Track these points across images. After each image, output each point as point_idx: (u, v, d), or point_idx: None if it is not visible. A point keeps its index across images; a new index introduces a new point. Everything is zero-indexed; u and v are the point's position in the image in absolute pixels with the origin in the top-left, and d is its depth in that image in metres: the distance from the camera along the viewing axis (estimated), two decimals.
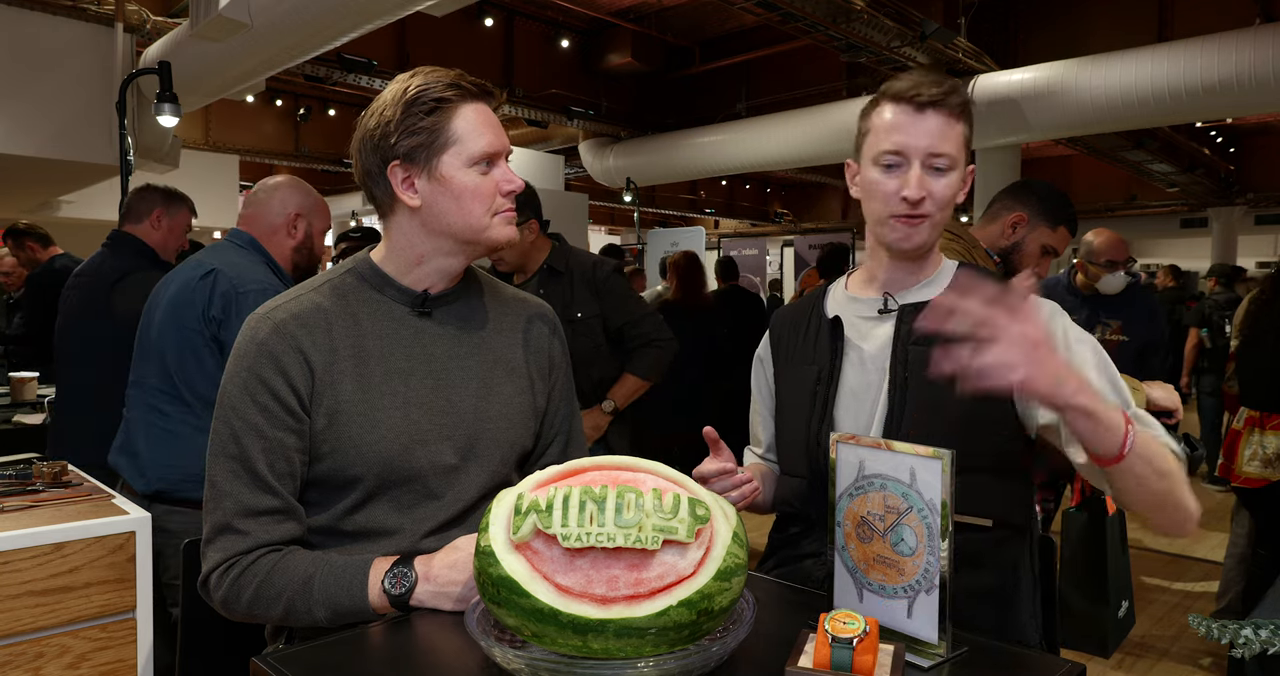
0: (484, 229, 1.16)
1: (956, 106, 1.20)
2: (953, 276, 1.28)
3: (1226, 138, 13.02)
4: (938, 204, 1.20)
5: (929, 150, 1.19)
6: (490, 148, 1.15)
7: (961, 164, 1.22)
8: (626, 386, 2.62)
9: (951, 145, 1.19)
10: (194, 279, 1.92)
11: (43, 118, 6.01)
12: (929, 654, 0.89)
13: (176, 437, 1.87)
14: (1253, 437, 2.73)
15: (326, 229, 2.16)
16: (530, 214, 2.54)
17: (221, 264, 1.93)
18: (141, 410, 1.94)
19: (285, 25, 5.03)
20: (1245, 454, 2.71)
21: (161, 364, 1.91)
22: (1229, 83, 6.25)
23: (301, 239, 2.09)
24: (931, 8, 7.16)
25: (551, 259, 2.61)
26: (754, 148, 9.29)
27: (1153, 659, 3.21)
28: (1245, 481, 2.74)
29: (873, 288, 1.30)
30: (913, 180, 1.19)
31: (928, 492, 0.89)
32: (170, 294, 1.95)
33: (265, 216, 2.06)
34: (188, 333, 1.89)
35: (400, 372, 1.16)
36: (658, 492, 0.85)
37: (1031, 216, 2.05)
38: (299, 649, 0.94)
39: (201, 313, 1.88)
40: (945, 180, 1.20)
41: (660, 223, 18.06)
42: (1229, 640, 1.17)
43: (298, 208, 2.08)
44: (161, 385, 1.91)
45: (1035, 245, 2.07)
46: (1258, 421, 2.76)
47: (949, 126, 1.19)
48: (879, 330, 1.26)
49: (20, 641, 1.36)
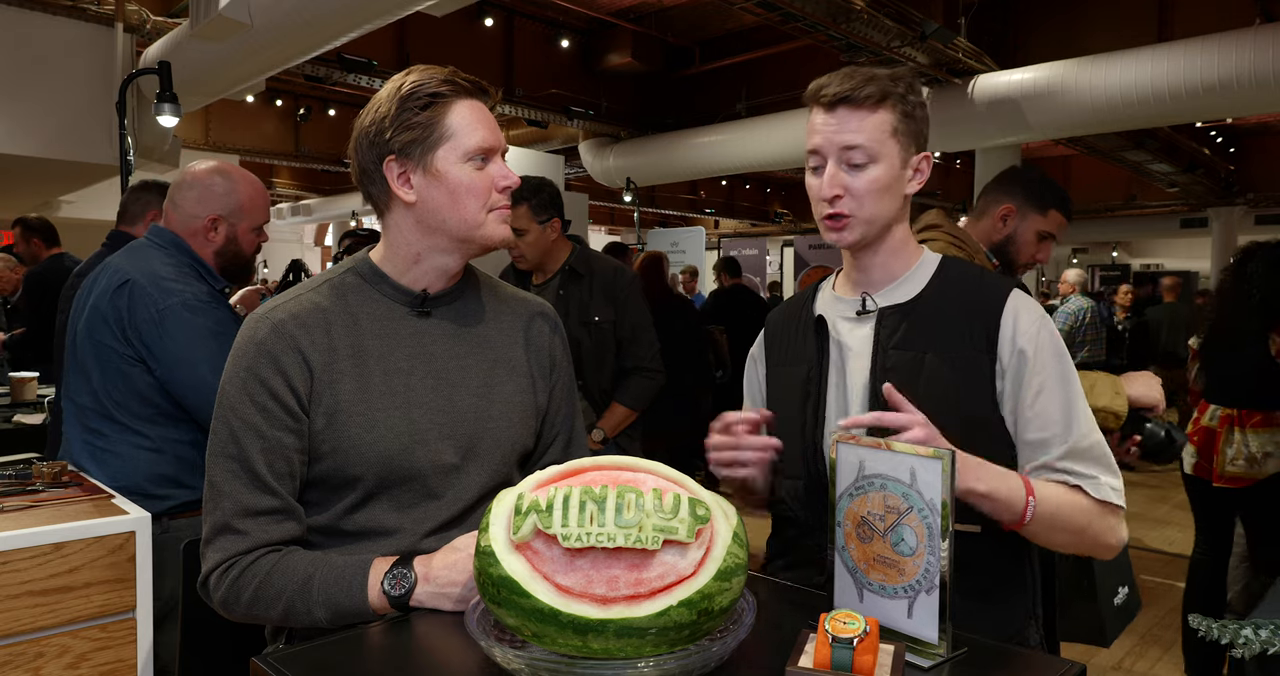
0: (478, 225, 1.16)
1: (869, 97, 1.17)
2: (935, 271, 1.26)
3: (1226, 138, 13.02)
4: (858, 200, 1.18)
5: (840, 145, 1.18)
6: (485, 143, 1.15)
7: (889, 155, 1.18)
8: (616, 416, 2.62)
9: (865, 136, 1.17)
10: (109, 291, 1.78)
11: (43, 118, 6.01)
12: (929, 654, 0.89)
13: (116, 456, 1.77)
14: (1233, 437, 2.68)
15: (258, 224, 1.97)
16: (554, 213, 2.54)
17: (139, 273, 1.78)
18: (77, 429, 1.82)
19: (285, 25, 5.04)
20: (1228, 453, 2.67)
21: (88, 381, 1.80)
22: (1229, 83, 6.24)
23: (222, 243, 1.91)
24: (931, 8, 7.15)
25: (573, 261, 2.61)
26: (754, 148, 9.29)
27: (1153, 658, 3.21)
28: (1230, 481, 2.71)
29: (853, 288, 1.29)
30: (825, 178, 1.19)
31: (928, 493, 0.89)
32: (89, 307, 1.83)
33: (180, 218, 1.89)
34: (106, 351, 1.77)
35: (400, 372, 1.16)
36: (658, 492, 0.85)
37: (1019, 206, 2.03)
38: (299, 649, 0.94)
39: (119, 332, 1.75)
40: (865, 174, 1.18)
41: (660, 222, 18.07)
42: (1229, 640, 1.17)
43: (214, 211, 1.88)
44: (91, 404, 1.80)
45: (1030, 233, 2.04)
46: (1235, 420, 2.72)
47: (861, 118, 1.17)
48: (860, 331, 1.25)
49: (20, 641, 1.35)
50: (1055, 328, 1.21)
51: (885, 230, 1.23)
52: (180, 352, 1.74)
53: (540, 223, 2.51)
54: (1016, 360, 1.16)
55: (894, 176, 1.19)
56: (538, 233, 2.52)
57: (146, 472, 1.76)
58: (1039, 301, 1.51)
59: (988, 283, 1.24)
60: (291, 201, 16.82)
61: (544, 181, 2.55)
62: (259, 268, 15.85)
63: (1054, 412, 1.15)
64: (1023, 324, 1.18)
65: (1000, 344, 1.17)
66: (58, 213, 9.16)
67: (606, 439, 2.60)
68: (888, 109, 1.18)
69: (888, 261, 1.26)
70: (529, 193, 2.47)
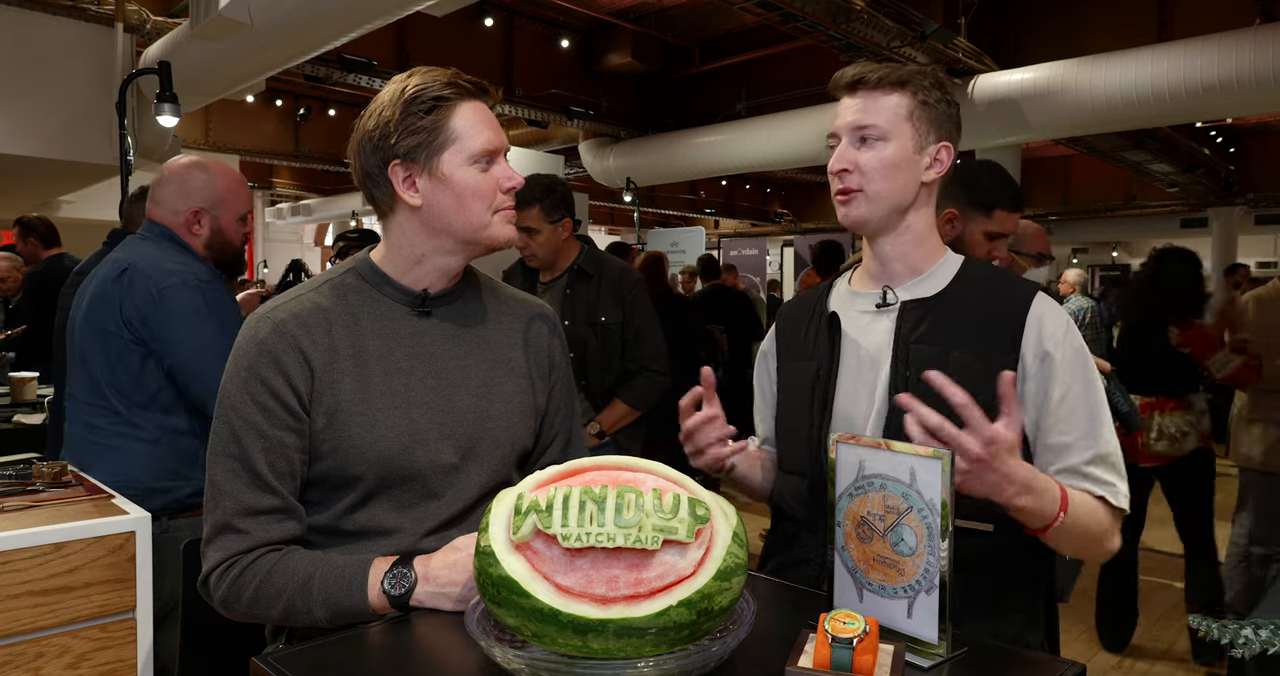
0: (484, 227, 1.17)
1: (885, 81, 1.20)
2: (958, 270, 1.26)
3: (1226, 138, 13.01)
4: (865, 175, 1.20)
5: (853, 124, 1.21)
6: (489, 144, 1.16)
7: (901, 136, 1.20)
8: (616, 412, 2.61)
9: (878, 117, 1.20)
10: (109, 280, 1.81)
11: (43, 118, 6.01)
12: (929, 654, 0.89)
13: (114, 450, 1.78)
14: (1153, 421, 3.03)
15: (241, 213, 1.97)
16: (565, 213, 2.54)
17: (138, 258, 1.82)
18: (78, 426, 1.84)
19: (285, 25, 5.03)
20: (1151, 436, 3.01)
21: (87, 373, 1.82)
22: (1229, 83, 6.24)
23: (208, 235, 1.92)
24: (931, 8, 7.14)
25: (582, 261, 2.61)
26: (754, 148, 9.28)
27: (1153, 658, 3.21)
28: (1155, 459, 3.05)
29: (872, 281, 1.29)
30: (835, 153, 1.22)
31: (928, 492, 0.89)
32: (89, 298, 1.85)
33: (163, 214, 1.91)
34: (109, 337, 1.78)
35: (400, 372, 1.16)
36: (658, 492, 0.85)
37: (961, 209, 1.96)
38: (299, 649, 0.94)
39: (119, 315, 1.77)
40: (874, 151, 1.20)
41: (660, 222, 18.06)
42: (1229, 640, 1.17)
43: (196, 203, 1.90)
44: (89, 398, 1.81)
45: (977, 235, 1.96)
46: (1154, 406, 3.05)
47: (875, 100, 1.21)
48: (878, 325, 1.24)
49: (20, 641, 1.35)
50: (1079, 332, 1.21)
51: (899, 216, 1.23)
52: (181, 330, 1.76)
53: (552, 223, 2.52)
54: (1042, 364, 1.16)
55: (904, 157, 1.20)
56: (549, 232, 2.53)
57: (145, 465, 1.77)
58: None
59: (1012, 284, 1.24)
60: (291, 201, 16.82)
61: (556, 181, 2.56)
62: (259, 268, 15.86)
63: (1080, 417, 1.15)
64: (1048, 327, 1.17)
65: (1025, 346, 1.17)
66: (58, 213, 9.15)
67: (604, 433, 2.60)
68: (904, 93, 1.21)
69: (909, 253, 1.25)
70: (541, 193, 2.48)
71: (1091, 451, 1.14)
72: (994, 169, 2.04)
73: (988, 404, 1.14)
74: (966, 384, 1.15)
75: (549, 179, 2.54)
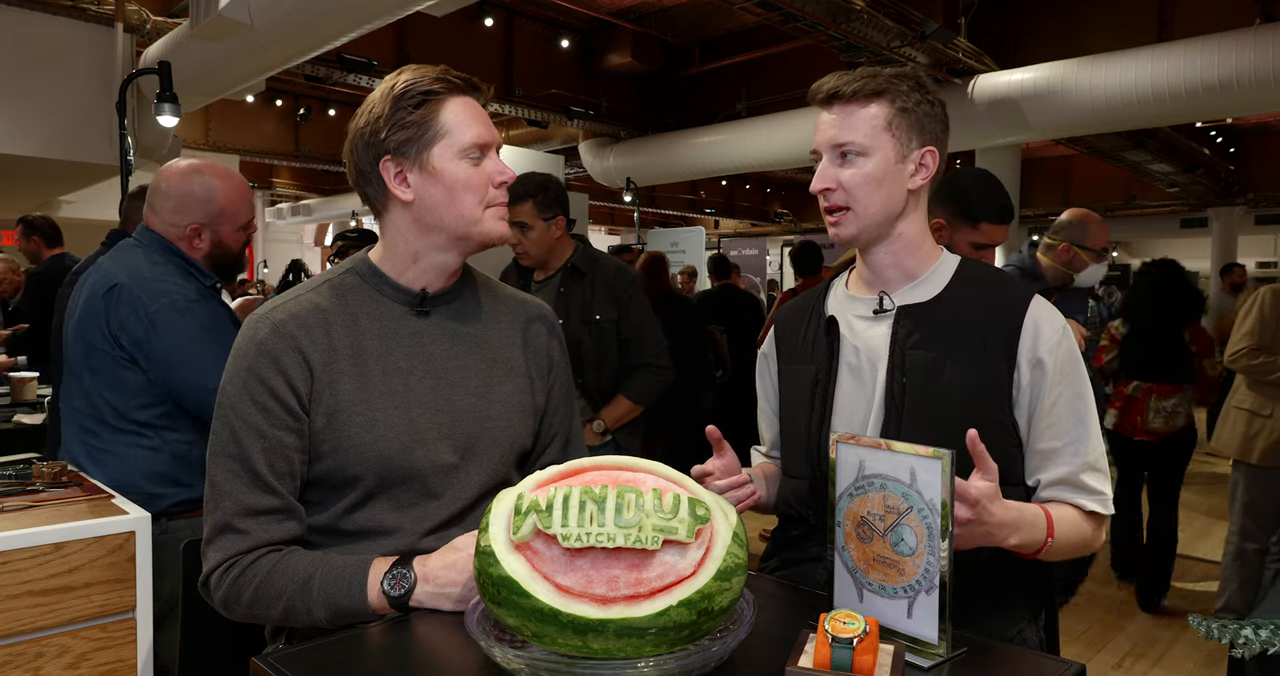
0: (476, 221, 1.17)
1: (860, 93, 1.18)
2: (954, 273, 1.26)
3: (1226, 138, 13.01)
4: (850, 193, 1.19)
5: (832, 142, 1.20)
6: (479, 138, 1.16)
7: (881, 148, 1.19)
8: (619, 408, 2.60)
9: (855, 132, 1.18)
10: (98, 294, 1.78)
11: (43, 118, 6.01)
12: (929, 654, 0.89)
13: (113, 456, 1.77)
14: (1151, 403, 3.59)
15: (242, 222, 1.94)
16: (558, 210, 2.54)
17: (126, 276, 1.77)
18: (74, 430, 1.83)
19: (285, 25, 5.03)
20: (1149, 414, 3.58)
21: (80, 383, 1.80)
22: (1229, 83, 6.24)
23: (208, 248, 1.88)
24: (931, 8, 7.14)
25: (576, 259, 2.61)
26: (754, 148, 9.28)
27: (1153, 658, 3.21)
28: (1149, 435, 3.59)
29: (868, 287, 1.29)
30: (817, 173, 1.21)
31: (928, 492, 0.89)
32: (79, 309, 1.83)
33: (161, 225, 1.87)
34: (97, 352, 1.76)
35: (399, 372, 1.16)
36: (658, 492, 0.85)
37: (949, 219, 1.95)
38: (299, 649, 0.94)
39: (106, 330, 1.75)
40: (855, 168, 1.19)
41: (660, 222, 18.06)
42: (1229, 640, 1.17)
43: (195, 219, 1.86)
44: (83, 406, 1.80)
45: (964, 245, 1.96)
46: (1154, 390, 3.60)
47: (852, 114, 1.19)
48: (875, 330, 1.24)
49: (20, 641, 1.35)
50: (1074, 339, 1.21)
51: (889, 225, 1.22)
52: (174, 355, 1.74)
53: (545, 220, 2.52)
54: (1036, 369, 1.16)
55: (887, 170, 1.19)
56: (541, 229, 2.52)
57: (144, 471, 1.76)
58: None
59: (1008, 287, 1.24)
60: (291, 201, 16.82)
61: (549, 178, 2.55)
62: (259, 268, 15.85)
63: (1068, 424, 1.16)
64: (1044, 333, 1.17)
65: (1020, 350, 1.17)
66: (58, 212, 9.15)
67: (607, 430, 2.59)
68: (881, 103, 1.19)
69: (901, 260, 1.25)
70: (534, 189, 2.48)
71: (1080, 459, 1.16)
72: (982, 179, 2.02)
73: (981, 411, 1.15)
74: (957, 388, 1.16)
75: (543, 176, 2.54)
